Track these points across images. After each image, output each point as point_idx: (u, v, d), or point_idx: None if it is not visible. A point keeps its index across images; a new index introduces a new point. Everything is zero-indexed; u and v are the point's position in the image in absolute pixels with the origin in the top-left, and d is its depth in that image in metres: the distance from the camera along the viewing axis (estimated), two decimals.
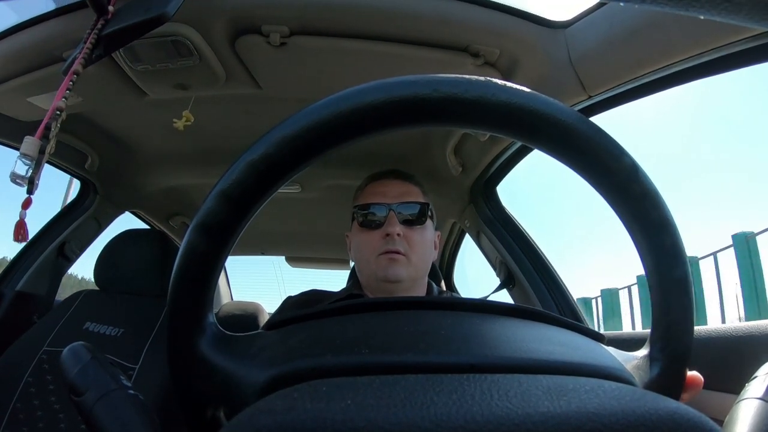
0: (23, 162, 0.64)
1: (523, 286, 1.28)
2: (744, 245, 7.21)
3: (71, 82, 0.68)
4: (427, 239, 0.86)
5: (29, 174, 0.65)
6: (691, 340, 0.33)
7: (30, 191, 0.66)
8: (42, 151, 0.65)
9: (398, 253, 0.81)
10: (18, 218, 0.68)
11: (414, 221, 0.84)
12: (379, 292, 0.85)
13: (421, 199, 0.86)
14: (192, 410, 0.32)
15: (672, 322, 0.33)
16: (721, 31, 0.65)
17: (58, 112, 0.66)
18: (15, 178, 0.64)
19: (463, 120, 0.29)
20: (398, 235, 0.81)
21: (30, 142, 0.64)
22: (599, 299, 9.11)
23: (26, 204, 0.68)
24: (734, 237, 7.32)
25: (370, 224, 0.84)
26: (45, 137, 0.65)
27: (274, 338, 0.33)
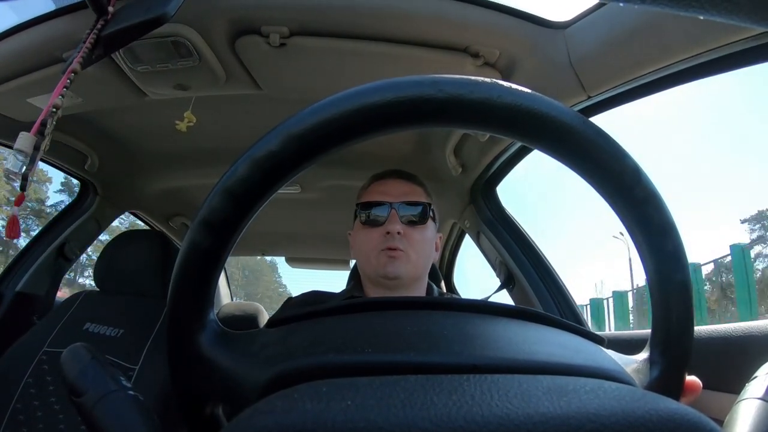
0: (17, 158, 0.63)
1: (523, 287, 1.28)
2: (740, 254, 8.21)
3: (69, 81, 0.67)
4: (428, 239, 0.86)
5: (23, 170, 0.64)
6: (691, 343, 0.33)
7: (23, 188, 0.65)
8: (36, 148, 0.64)
9: (397, 249, 0.81)
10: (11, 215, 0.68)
11: (415, 221, 0.85)
12: (379, 288, 0.86)
13: (424, 199, 0.87)
14: (191, 407, 0.31)
15: (672, 326, 0.33)
16: (721, 31, 0.65)
17: (54, 110, 0.65)
18: (8, 174, 0.63)
19: (467, 121, 0.29)
20: (398, 233, 0.82)
21: (25, 138, 0.63)
22: (588, 307, 11.79)
23: (19, 200, 0.67)
24: (732, 247, 8.39)
25: (372, 222, 0.85)
26: (40, 134, 0.64)
27: (276, 336, 0.33)
